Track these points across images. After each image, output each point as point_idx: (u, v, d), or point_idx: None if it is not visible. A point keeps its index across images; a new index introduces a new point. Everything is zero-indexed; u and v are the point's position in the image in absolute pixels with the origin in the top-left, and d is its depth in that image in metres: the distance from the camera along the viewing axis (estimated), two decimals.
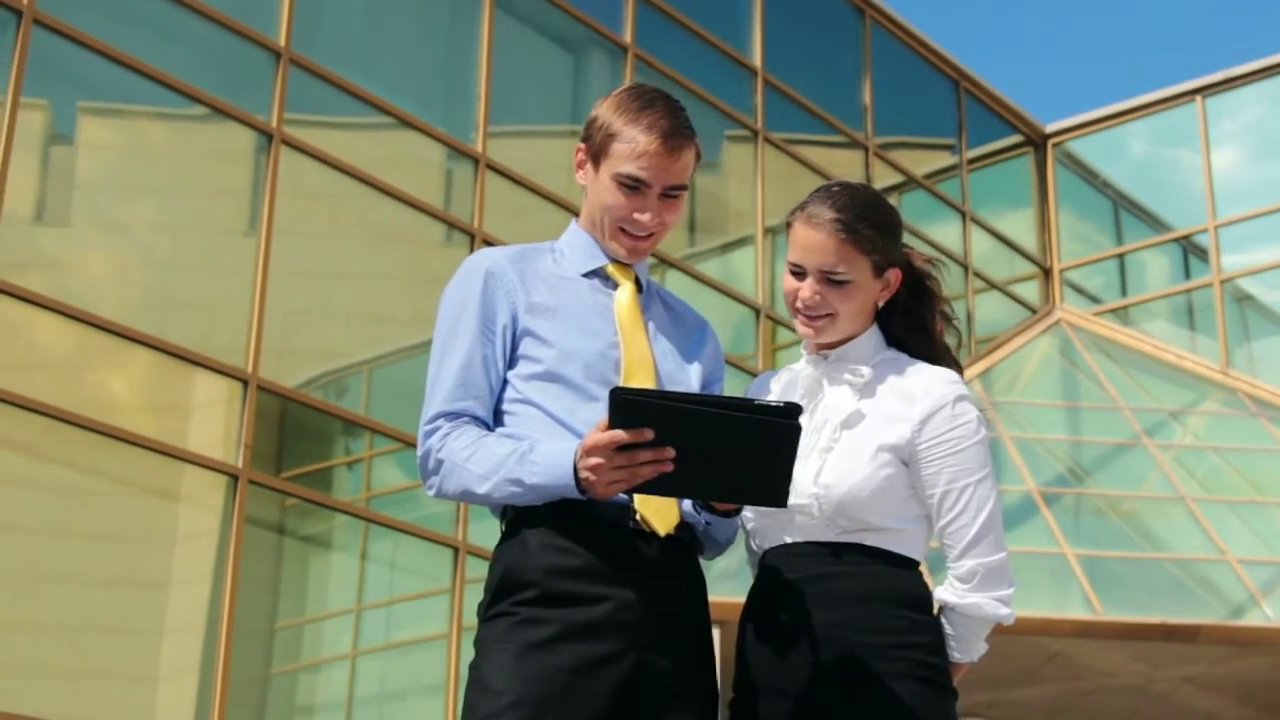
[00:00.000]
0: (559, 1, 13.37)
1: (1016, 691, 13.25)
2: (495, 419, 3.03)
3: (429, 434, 3.01)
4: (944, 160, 17.56)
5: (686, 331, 3.21)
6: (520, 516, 2.96)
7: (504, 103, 12.57)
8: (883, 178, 16.28)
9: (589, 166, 3.11)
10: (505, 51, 12.81)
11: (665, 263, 13.73)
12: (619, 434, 2.69)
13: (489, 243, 11.62)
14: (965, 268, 16.97)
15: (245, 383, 10.46)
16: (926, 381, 3.08)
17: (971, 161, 17.72)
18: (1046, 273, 18.13)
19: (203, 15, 10.93)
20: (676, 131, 3.05)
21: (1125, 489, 14.22)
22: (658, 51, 14.12)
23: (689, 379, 3.13)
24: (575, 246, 3.16)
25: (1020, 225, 18.23)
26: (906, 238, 3.22)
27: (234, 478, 10.25)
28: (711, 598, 3.08)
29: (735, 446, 2.68)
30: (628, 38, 13.91)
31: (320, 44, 11.65)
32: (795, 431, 2.67)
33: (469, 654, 3.02)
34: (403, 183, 11.80)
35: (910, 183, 16.83)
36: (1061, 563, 12.74)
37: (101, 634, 9.81)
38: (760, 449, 2.69)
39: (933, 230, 16.81)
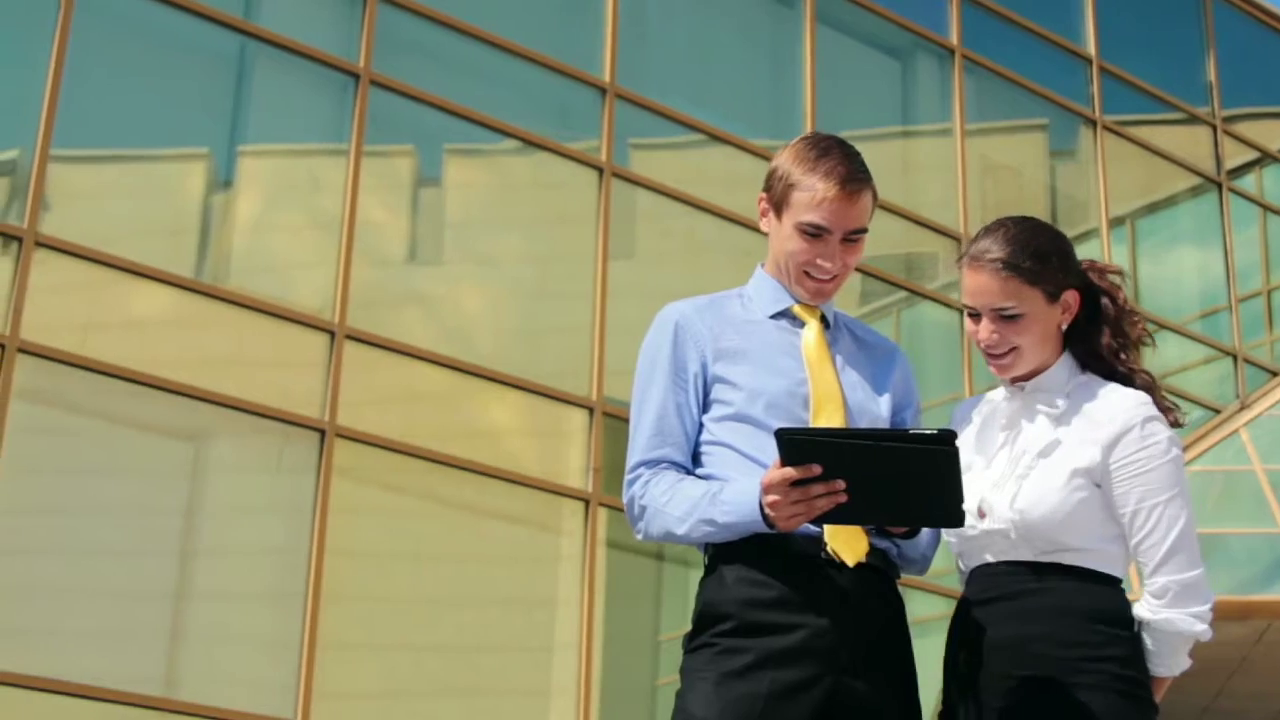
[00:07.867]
0: (881, 10, 13.43)
1: None
2: (694, 461, 3.20)
3: (631, 482, 3.20)
4: None
5: (876, 361, 3.33)
6: (719, 553, 3.12)
7: (831, 116, 12.64)
8: (1234, 155, 15.82)
9: (771, 215, 3.29)
10: (829, 65, 12.89)
11: None
12: (789, 471, 2.85)
13: None
14: None
15: (590, 409, 10.84)
16: (1116, 404, 3.16)
17: None
18: None
19: (530, 60, 11.40)
20: (853, 177, 3.19)
21: None
22: (986, 50, 14.05)
23: (879, 409, 3.24)
24: (762, 291, 3.34)
25: None
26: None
27: (586, 502, 10.68)
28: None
29: (899, 474, 2.82)
30: (954, 39, 13.91)
31: (645, 76, 12.01)
32: (952, 456, 2.79)
33: None
34: (740, 204, 12.08)
35: (1266, 158, 16.30)
36: None
37: (495, 652, 10.27)
38: (923, 475, 2.82)
39: None
